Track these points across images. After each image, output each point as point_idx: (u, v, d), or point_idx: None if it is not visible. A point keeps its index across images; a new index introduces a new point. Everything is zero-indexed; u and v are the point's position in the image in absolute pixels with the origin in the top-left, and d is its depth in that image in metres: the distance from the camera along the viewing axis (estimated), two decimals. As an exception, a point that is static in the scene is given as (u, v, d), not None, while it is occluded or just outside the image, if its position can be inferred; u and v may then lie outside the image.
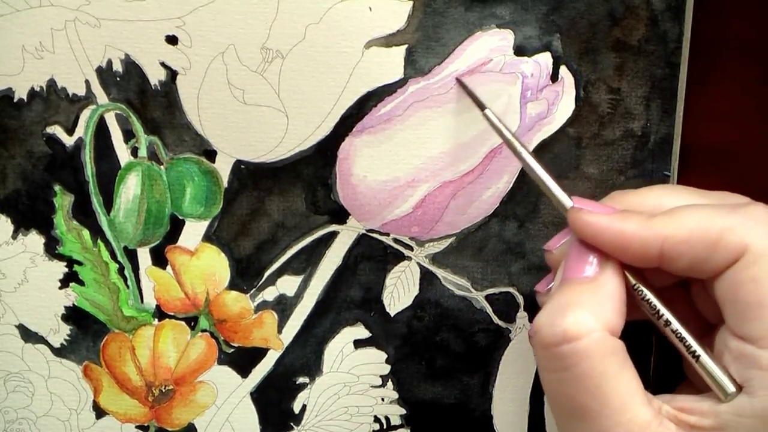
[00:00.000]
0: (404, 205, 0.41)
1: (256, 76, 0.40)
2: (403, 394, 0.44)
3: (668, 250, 0.33)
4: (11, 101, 0.40)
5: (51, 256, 0.42)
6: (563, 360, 0.32)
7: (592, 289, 0.33)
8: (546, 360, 0.33)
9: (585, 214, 0.34)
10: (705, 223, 0.33)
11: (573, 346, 0.32)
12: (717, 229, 0.32)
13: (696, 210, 0.33)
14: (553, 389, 0.34)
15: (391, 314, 0.43)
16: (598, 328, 0.32)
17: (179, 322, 0.43)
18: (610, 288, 0.34)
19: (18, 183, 0.41)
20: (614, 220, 0.34)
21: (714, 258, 0.32)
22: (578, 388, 0.32)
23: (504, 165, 0.41)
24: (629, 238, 0.33)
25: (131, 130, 0.41)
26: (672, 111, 0.40)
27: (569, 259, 0.35)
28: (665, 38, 0.39)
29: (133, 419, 0.44)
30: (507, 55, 0.40)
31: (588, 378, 0.32)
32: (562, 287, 0.34)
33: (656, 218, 0.33)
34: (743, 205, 0.33)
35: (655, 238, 0.33)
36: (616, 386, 0.32)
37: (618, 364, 0.32)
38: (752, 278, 0.32)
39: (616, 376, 0.32)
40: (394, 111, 0.40)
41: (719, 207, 0.33)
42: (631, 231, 0.33)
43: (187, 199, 0.41)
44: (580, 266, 0.34)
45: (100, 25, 0.39)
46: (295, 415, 0.44)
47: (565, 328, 0.32)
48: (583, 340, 0.32)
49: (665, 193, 0.36)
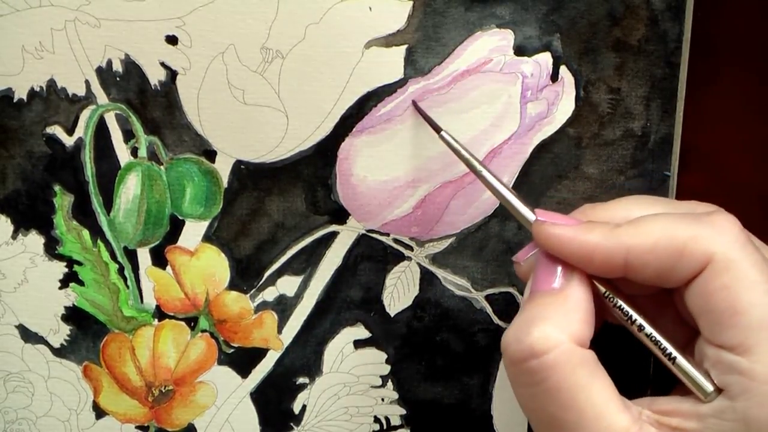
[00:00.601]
0: (404, 206, 0.41)
1: (256, 76, 0.40)
2: (403, 395, 0.44)
3: (633, 260, 0.33)
4: (11, 101, 0.40)
5: (51, 256, 0.42)
6: (533, 375, 0.32)
7: (558, 302, 0.33)
8: (516, 376, 0.33)
9: (549, 227, 0.34)
10: (669, 232, 0.32)
11: (541, 361, 0.32)
12: (682, 238, 0.32)
13: (660, 219, 0.33)
14: (527, 404, 0.34)
15: (391, 314, 0.43)
16: (564, 341, 0.32)
17: (179, 322, 0.43)
18: (576, 299, 0.33)
19: (18, 183, 0.41)
20: (578, 232, 0.34)
21: (679, 267, 0.32)
22: (551, 401, 0.32)
23: (504, 165, 0.41)
24: (593, 248, 0.33)
25: (131, 130, 0.41)
26: (672, 111, 0.40)
27: (536, 271, 0.35)
28: (665, 38, 0.39)
29: (133, 419, 0.44)
30: (507, 55, 0.40)
31: (559, 391, 0.32)
32: (529, 301, 0.34)
33: (621, 228, 0.33)
34: (708, 214, 0.33)
35: (620, 249, 0.33)
36: (588, 396, 0.32)
37: (588, 374, 0.32)
38: (722, 287, 0.31)
39: (587, 386, 0.32)
40: (394, 111, 0.40)
41: (684, 216, 0.33)
42: (594, 242, 0.33)
43: (187, 200, 0.41)
44: (547, 279, 0.34)
45: (100, 25, 0.39)
46: (295, 416, 0.44)
47: (531, 343, 0.32)
48: (550, 354, 0.32)
49: (633, 204, 0.36)
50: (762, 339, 0.31)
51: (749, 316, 0.31)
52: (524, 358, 0.32)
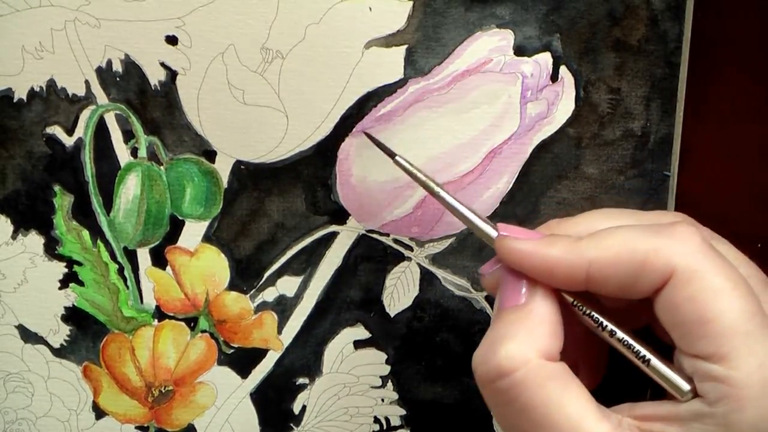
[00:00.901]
0: (404, 206, 0.41)
1: (256, 76, 0.40)
2: (403, 395, 0.44)
3: (594, 274, 0.33)
4: (11, 101, 0.40)
5: (51, 256, 0.42)
6: (504, 395, 0.32)
7: (523, 317, 0.33)
8: (489, 396, 0.33)
9: (510, 241, 0.34)
10: (630, 245, 0.32)
11: (509, 380, 0.32)
12: (642, 250, 0.32)
13: (621, 232, 0.33)
14: (503, 423, 0.33)
15: (391, 315, 0.43)
16: (531, 357, 0.32)
17: (179, 322, 0.43)
18: (541, 313, 0.33)
19: (18, 183, 0.41)
20: (539, 246, 0.34)
21: (641, 280, 0.32)
22: (525, 419, 0.32)
23: (504, 165, 0.41)
24: (554, 262, 0.33)
25: (131, 131, 0.41)
26: (672, 111, 0.40)
27: (501, 288, 0.35)
28: (665, 38, 0.39)
29: (133, 420, 0.44)
30: (507, 55, 0.40)
31: (532, 408, 0.32)
32: (495, 319, 0.34)
33: (582, 242, 0.33)
34: (669, 225, 0.33)
35: (581, 262, 0.33)
36: (562, 410, 0.31)
37: (560, 387, 0.32)
38: (688, 298, 0.31)
39: (559, 400, 0.32)
40: (394, 111, 0.40)
41: (645, 228, 0.33)
42: (556, 255, 0.33)
43: (186, 200, 0.41)
44: (512, 294, 0.34)
45: (100, 25, 0.39)
46: (294, 416, 0.44)
47: (498, 362, 0.32)
48: (518, 372, 0.32)
49: (599, 218, 0.36)
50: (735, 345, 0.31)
51: (719, 325, 0.31)
52: (493, 379, 0.32)
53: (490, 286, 0.36)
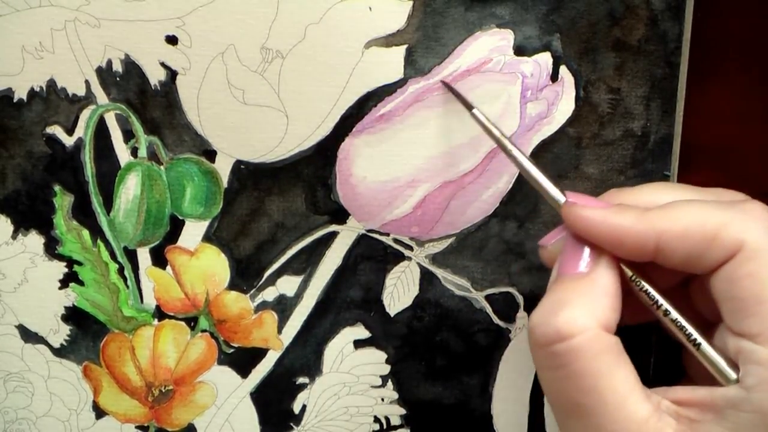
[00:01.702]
0: (404, 206, 0.41)
1: (256, 76, 0.40)
2: (403, 394, 0.44)
3: (664, 245, 0.33)
4: (11, 101, 0.40)
5: (51, 256, 0.42)
6: (557, 358, 0.32)
7: (585, 285, 0.33)
8: (542, 359, 0.33)
9: (579, 209, 0.34)
10: (701, 218, 0.32)
11: (566, 345, 0.32)
12: (713, 224, 0.32)
13: (692, 205, 0.33)
14: (550, 387, 0.34)
15: (391, 314, 0.43)
16: (591, 326, 0.32)
17: (179, 322, 0.43)
18: (604, 283, 0.33)
19: (18, 183, 0.41)
20: (609, 214, 0.34)
21: (709, 254, 0.32)
22: (574, 386, 0.32)
23: (504, 165, 0.41)
24: (624, 232, 0.33)
25: (131, 130, 0.41)
26: (672, 111, 0.40)
27: (563, 254, 0.35)
28: (665, 38, 0.39)
29: (133, 419, 0.44)
30: (507, 55, 0.40)
31: (583, 376, 0.32)
32: (556, 284, 0.34)
33: (652, 212, 0.33)
34: (740, 201, 0.33)
35: (651, 232, 0.33)
36: (611, 383, 0.32)
37: (613, 361, 0.32)
38: (749, 274, 0.31)
39: (611, 373, 0.32)
40: (394, 111, 0.40)
41: (716, 203, 0.33)
42: (626, 225, 0.33)
43: (187, 200, 0.41)
44: (574, 262, 0.34)
45: (100, 25, 0.39)
46: (295, 416, 0.44)
47: (558, 326, 0.32)
48: (576, 338, 0.32)
49: (661, 189, 0.36)
50: None
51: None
52: (550, 342, 0.32)
53: (550, 259, 0.36)
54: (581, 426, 0.32)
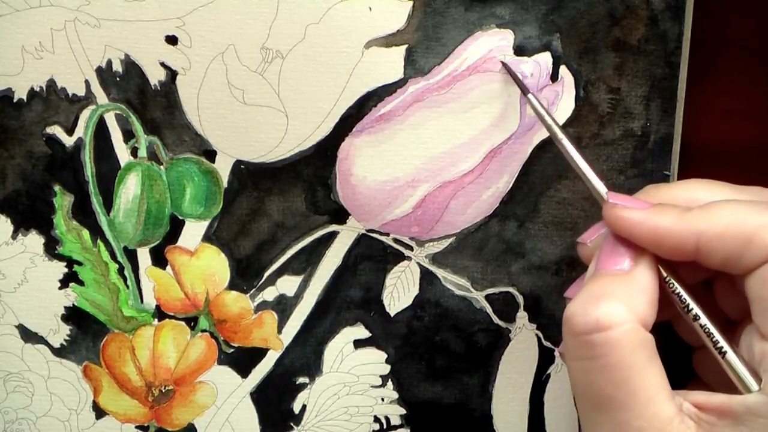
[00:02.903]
0: (404, 205, 0.41)
1: (256, 76, 0.40)
2: (403, 394, 0.44)
3: (703, 246, 0.33)
4: (11, 101, 0.40)
5: (51, 256, 0.42)
6: (593, 349, 0.32)
7: (625, 281, 0.34)
8: (576, 348, 0.33)
9: (620, 210, 0.34)
10: (740, 219, 0.33)
11: (604, 336, 0.32)
12: (752, 226, 0.32)
13: (732, 205, 0.33)
14: (579, 378, 0.33)
15: (391, 314, 0.43)
16: (630, 320, 0.32)
17: (179, 322, 0.43)
18: (644, 281, 0.34)
19: (18, 183, 0.41)
20: (649, 215, 0.34)
21: (748, 255, 0.32)
22: (606, 378, 0.32)
23: (504, 165, 0.41)
24: (665, 232, 0.33)
25: (131, 130, 0.41)
26: (672, 111, 0.40)
27: (603, 251, 0.35)
28: (665, 38, 0.39)
29: (133, 419, 0.44)
30: (507, 55, 0.40)
31: (617, 369, 0.32)
32: (596, 278, 0.34)
33: (692, 213, 0.33)
34: None
35: (691, 233, 0.33)
36: (643, 379, 0.32)
37: (647, 357, 0.32)
38: None
39: (644, 369, 0.32)
40: (394, 111, 0.40)
41: (755, 204, 0.33)
42: (666, 225, 0.33)
43: (186, 199, 0.41)
44: (614, 259, 0.34)
45: (100, 25, 0.39)
46: (295, 415, 0.44)
47: (598, 317, 0.32)
48: (614, 330, 0.32)
49: (699, 187, 0.36)
50: None
51: None
52: (588, 331, 0.32)
53: (589, 256, 0.36)
54: (607, 420, 0.32)
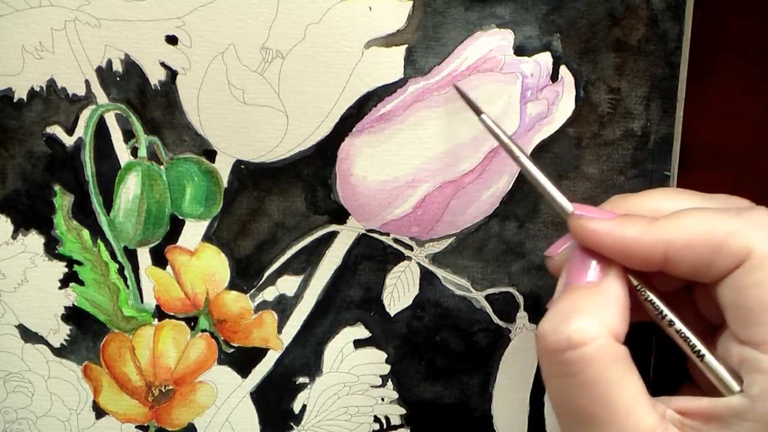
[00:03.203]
0: (404, 205, 0.41)
1: (256, 76, 0.40)
2: (403, 394, 0.44)
3: (671, 255, 0.33)
4: (11, 101, 0.40)
5: (51, 256, 0.42)
6: (568, 367, 0.32)
7: (595, 295, 0.33)
8: (551, 366, 0.33)
9: (586, 221, 0.34)
10: (708, 227, 0.32)
11: (578, 353, 0.32)
12: (720, 233, 0.32)
13: (699, 214, 0.33)
14: (558, 395, 0.33)
15: (391, 314, 0.43)
16: (603, 334, 0.32)
17: (179, 322, 0.43)
18: (614, 293, 0.33)
19: (18, 183, 0.41)
20: (616, 226, 0.34)
21: (717, 262, 0.32)
22: (583, 394, 0.32)
23: (504, 165, 0.41)
24: (631, 243, 0.33)
25: (131, 130, 0.41)
26: (672, 111, 0.40)
27: (572, 264, 0.35)
28: (665, 38, 0.39)
29: (133, 419, 0.44)
30: (507, 55, 0.40)
31: (593, 384, 0.32)
32: (566, 293, 0.34)
33: (659, 222, 0.33)
34: (746, 209, 0.33)
35: (658, 243, 0.33)
36: (621, 392, 0.32)
37: (623, 370, 0.32)
38: (756, 283, 0.31)
39: (620, 382, 0.32)
40: (394, 111, 0.40)
41: (722, 211, 0.33)
42: (633, 236, 0.33)
43: (187, 199, 0.41)
44: (583, 272, 0.34)
45: (100, 25, 0.39)
46: (295, 415, 0.44)
47: (570, 334, 0.32)
48: (588, 347, 0.32)
49: (665, 196, 0.36)
50: None
51: None
52: (561, 349, 0.32)
53: (557, 268, 0.36)
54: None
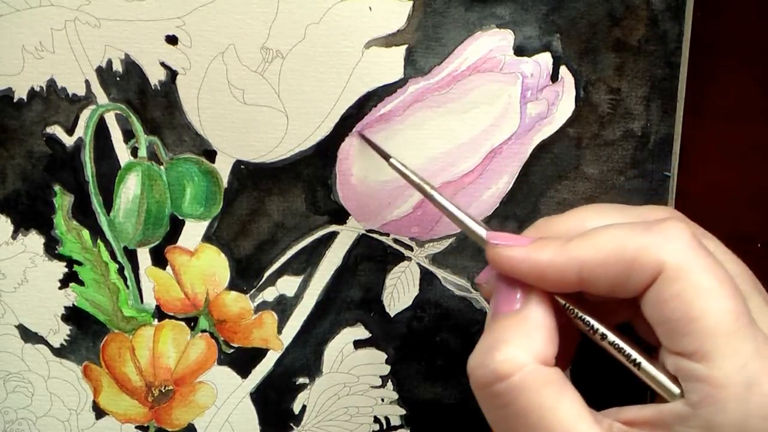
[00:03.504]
0: (404, 206, 0.41)
1: (256, 76, 0.40)
2: (403, 395, 0.44)
3: (586, 275, 0.33)
4: (11, 101, 0.40)
5: (51, 256, 0.42)
6: (500, 398, 0.32)
7: (518, 323, 0.33)
8: (484, 400, 0.33)
9: (501, 249, 0.34)
10: (620, 243, 0.32)
11: (506, 384, 0.32)
12: (632, 249, 0.32)
13: (610, 231, 0.33)
14: (497, 426, 0.33)
15: (391, 314, 0.43)
16: (528, 361, 0.32)
17: (179, 322, 0.43)
18: (537, 318, 0.33)
19: (18, 183, 0.41)
20: (530, 251, 0.33)
21: (632, 279, 0.32)
22: (520, 422, 0.32)
23: (504, 165, 0.41)
24: (545, 267, 0.33)
25: (131, 130, 0.41)
26: (672, 111, 0.40)
27: (496, 293, 0.35)
28: (665, 38, 0.39)
29: (133, 419, 0.44)
30: (507, 55, 0.40)
31: (528, 412, 0.32)
32: (491, 324, 0.34)
33: (571, 243, 0.33)
34: (658, 222, 0.33)
35: (572, 264, 0.33)
36: (557, 415, 0.31)
37: (555, 392, 0.32)
38: (675, 295, 0.31)
39: (555, 405, 0.32)
40: (394, 111, 0.40)
41: (634, 226, 0.33)
42: (546, 260, 0.33)
43: (186, 199, 0.41)
44: (506, 299, 0.34)
45: (100, 25, 0.39)
46: (294, 416, 0.44)
47: (495, 366, 0.32)
48: (515, 376, 0.32)
49: (587, 215, 0.36)
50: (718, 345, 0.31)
51: (703, 323, 0.31)
52: (489, 383, 0.32)
53: (489, 295, 0.36)
54: None
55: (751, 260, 0.36)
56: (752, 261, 0.36)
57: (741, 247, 0.36)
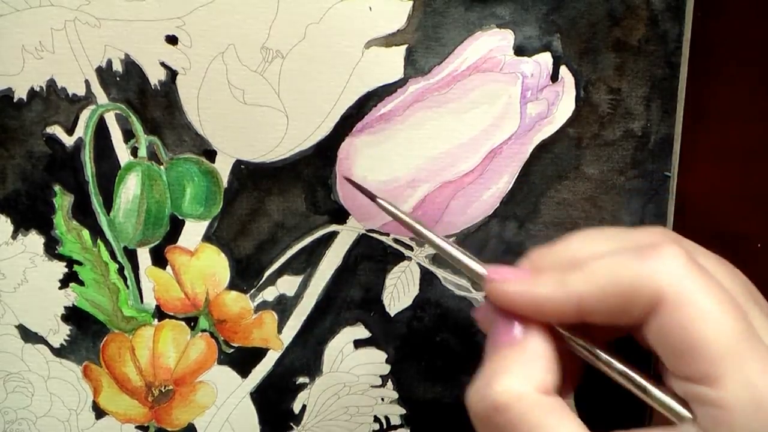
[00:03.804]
0: (404, 206, 0.41)
1: (256, 76, 0.40)
2: (403, 394, 0.44)
3: (585, 308, 0.32)
4: (11, 101, 0.40)
5: (51, 256, 0.42)
6: (500, 429, 0.32)
7: (518, 353, 0.33)
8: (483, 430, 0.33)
9: (499, 285, 0.34)
10: (616, 274, 0.32)
11: (506, 415, 0.32)
12: (628, 280, 0.32)
13: (607, 262, 0.33)
14: None
15: (391, 314, 0.43)
16: (528, 392, 0.32)
17: (179, 322, 0.43)
18: (537, 348, 0.33)
19: (18, 183, 0.41)
20: (528, 286, 0.33)
21: (632, 310, 0.32)
22: None
23: (504, 165, 0.41)
24: (545, 302, 0.33)
25: (131, 130, 0.41)
26: (672, 111, 0.40)
27: (494, 324, 0.34)
28: (665, 38, 0.39)
29: (133, 419, 0.44)
30: (507, 55, 0.40)
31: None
32: (490, 355, 0.34)
33: (569, 276, 0.33)
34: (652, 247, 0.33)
35: (570, 297, 0.33)
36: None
37: (557, 420, 0.32)
38: (678, 325, 0.31)
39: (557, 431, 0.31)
40: (394, 111, 0.40)
41: (628, 254, 0.33)
42: (545, 294, 0.33)
43: (186, 199, 0.41)
44: (506, 331, 0.34)
45: (100, 25, 0.39)
46: (294, 415, 0.44)
47: (495, 398, 0.32)
48: (515, 407, 0.32)
49: (582, 243, 0.35)
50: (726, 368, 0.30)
51: (709, 348, 0.31)
52: (490, 414, 0.32)
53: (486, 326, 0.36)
54: None
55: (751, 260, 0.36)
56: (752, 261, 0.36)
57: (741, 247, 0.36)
